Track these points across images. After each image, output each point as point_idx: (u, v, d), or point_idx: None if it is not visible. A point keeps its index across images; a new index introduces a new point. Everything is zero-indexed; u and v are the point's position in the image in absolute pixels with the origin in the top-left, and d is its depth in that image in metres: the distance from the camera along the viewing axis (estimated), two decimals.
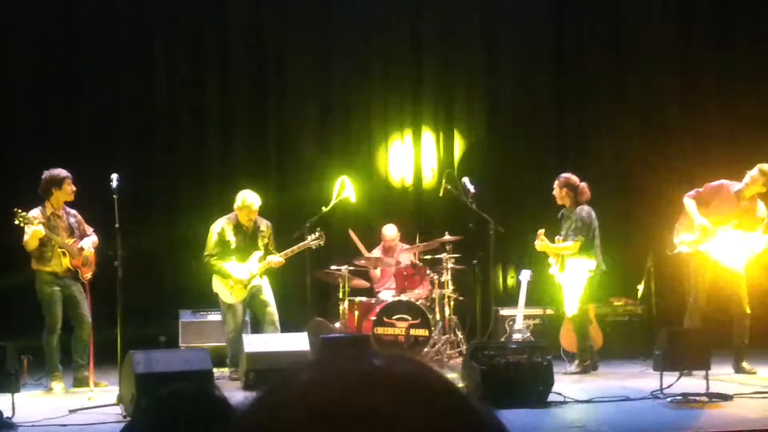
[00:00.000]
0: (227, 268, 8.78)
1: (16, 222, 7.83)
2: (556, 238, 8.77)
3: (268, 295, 8.87)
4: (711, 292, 8.54)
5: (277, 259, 8.86)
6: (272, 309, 8.84)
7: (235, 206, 8.85)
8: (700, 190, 8.59)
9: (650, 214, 10.11)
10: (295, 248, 9.00)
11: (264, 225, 8.99)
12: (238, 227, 8.86)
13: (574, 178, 8.81)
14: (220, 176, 10.93)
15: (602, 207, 8.98)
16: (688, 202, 8.59)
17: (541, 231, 8.74)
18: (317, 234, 9.03)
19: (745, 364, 8.46)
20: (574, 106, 11.52)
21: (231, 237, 8.84)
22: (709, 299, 8.54)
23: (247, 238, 8.89)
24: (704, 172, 9.15)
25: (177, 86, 11.01)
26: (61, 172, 8.19)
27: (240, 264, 8.82)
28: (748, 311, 8.43)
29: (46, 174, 8.18)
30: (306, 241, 9.02)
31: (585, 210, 8.74)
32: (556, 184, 8.87)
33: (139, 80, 10.87)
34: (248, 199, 8.79)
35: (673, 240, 8.70)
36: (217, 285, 8.88)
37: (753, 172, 8.41)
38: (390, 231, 10.16)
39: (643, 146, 11.28)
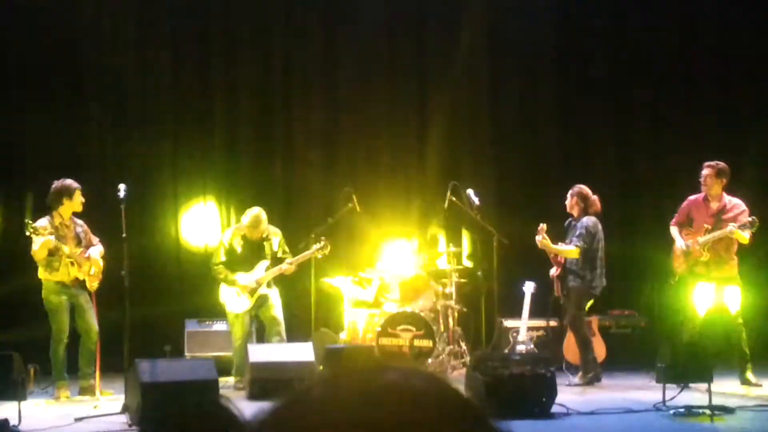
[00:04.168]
0: (234, 277, 8.82)
1: (27, 233, 7.89)
2: (560, 244, 8.82)
3: (275, 305, 8.90)
4: (706, 308, 8.57)
5: (285, 266, 8.89)
6: (279, 320, 8.87)
7: (243, 220, 8.90)
8: (677, 214, 8.71)
9: (654, 227, 10.13)
10: (300, 257, 9.03)
11: (272, 234, 9.02)
12: (245, 237, 8.91)
13: (587, 190, 8.85)
14: (225, 186, 10.97)
15: (605, 219, 9.01)
16: (672, 228, 8.73)
17: (543, 226, 8.74)
18: (322, 243, 9.06)
19: (750, 376, 8.45)
20: (577, 119, 11.54)
21: (238, 246, 8.89)
22: (705, 315, 8.57)
23: (254, 247, 8.93)
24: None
25: (182, 97, 11.05)
26: (72, 183, 8.25)
27: (246, 273, 8.86)
28: (740, 321, 8.46)
29: (56, 184, 8.24)
30: (311, 250, 9.06)
31: (591, 220, 8.78)
32: (569, 193, 8.91)
33: (144, 90, 10.92)
34: (252, 220, 8.81)
35: (674, 267, 8.75)
36: (225, 294, 8.92)
37: (702, 172, 8.50)
38: (394, 245, 10.20)
39: (647, 159, 11.32)
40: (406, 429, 0.80)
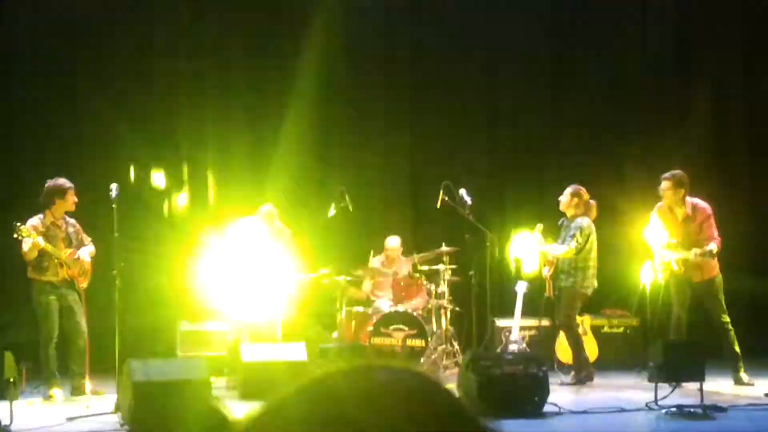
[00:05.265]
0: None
1: (15, 236, 7.86)
2: (553, 244, 8.82)
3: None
4: (692, 309, 8.60)
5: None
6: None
7: (258, 214, 8.84)
8: (650, 221, 8.72)
9: (646, 226, 10.14)
10: (302, 278, 9.01)
11: (282, 233, 8.97)
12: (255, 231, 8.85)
13: (586, 193, 8.85)
14: (219, 185, 10.97)
15: (598, 219, 9.02)
16: (646, 237, 8.68)
17: (540, 225, 8.75)
18: (329, 270, 9.04)
19: (743, 375, 8.48)
20: (573, 121, 11.54)
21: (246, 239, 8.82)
22: (691, 314, 8.60)
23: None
24: (698, 184, 9.18)
25: (177, 93, 11.04)
26: (65, 182, 8.22)
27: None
28: (727, 319, 8.48)
29: (49, 183, 8.21)
30: (316, 274, 9.06)
31: (586, 221, 8.78)
32: (568, 191, 8.88)
33: (139, 90, 10.91)
34: (265, 216, 8.75)
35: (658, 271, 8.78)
36: None
37: (660, 186, 8.53)
38: (393, 242, 10.18)
39: (640, 159, 11.33)
40: (396, 428, 0.79)
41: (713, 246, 8.27)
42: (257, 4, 11.30)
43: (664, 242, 8.47)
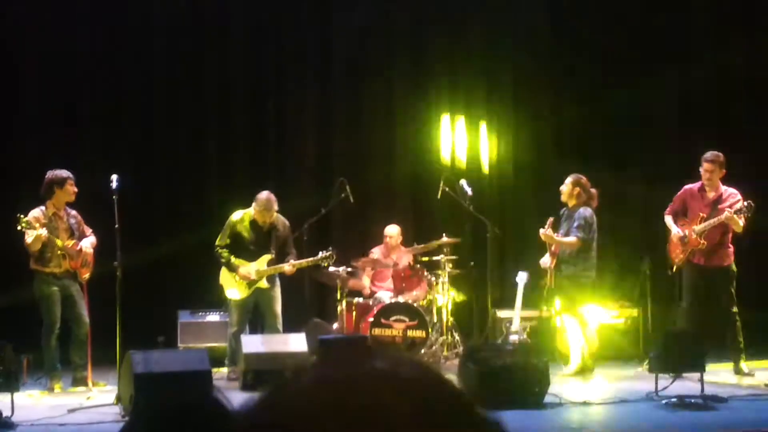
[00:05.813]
0: (236, 263, 8.78)
1: (19, 227, 7.85)
2: (556, 235, 8.82)
3: (275, 300, 8.84)
4: (702, 297, 8.59)
5: (288, 267, 8.84)
6: (277, 314, 8.80)
7: (254, 204, 8.85)
8: (671, 203, 8.71)
9: (646, 217, 10.15)
10: (303, 262, 8.98)
11: (281, 224, 8.95)
12: (254, 223, 8.83)
13: (587, 181, 8.84)
14: (219, 176, 10.97)
15: (599, 210, 9.01)
16: (666, 218, 8.73)
17: (551, 219, 8.74)
18: (329, 252, 9.03)
19: (743, 366, 8.48)
20: (573, 110, 11.51)
21: (245, 231, 8.80)
22: (700, 303, 8.59)
23: (262, 235, 8.85)
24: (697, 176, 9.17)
25: (177, 87, 11.03)
26: (64, 172, 8.22)
27: (248, 263, 8.80)
28: (736, 310, 8.47)
29: (49, 174, 8.22)
30: (317, 257, 9.03)
31: (588, 211, 8.77)
32: (568, 180, 8.85)
33: (139, 82, 10.91)
34: (264, 204, 8.70)
35: (671, 257, 8.75)
36: (224, 277, 8.87)
37: (704, 166, 8.54)
38: (392, 230, 10.19)
39: (641, 148, 11.32)
40: (393, 416, 0.79)
41: (749, 202, 8.24)
42: None
43: (688, 220, 8.51)
